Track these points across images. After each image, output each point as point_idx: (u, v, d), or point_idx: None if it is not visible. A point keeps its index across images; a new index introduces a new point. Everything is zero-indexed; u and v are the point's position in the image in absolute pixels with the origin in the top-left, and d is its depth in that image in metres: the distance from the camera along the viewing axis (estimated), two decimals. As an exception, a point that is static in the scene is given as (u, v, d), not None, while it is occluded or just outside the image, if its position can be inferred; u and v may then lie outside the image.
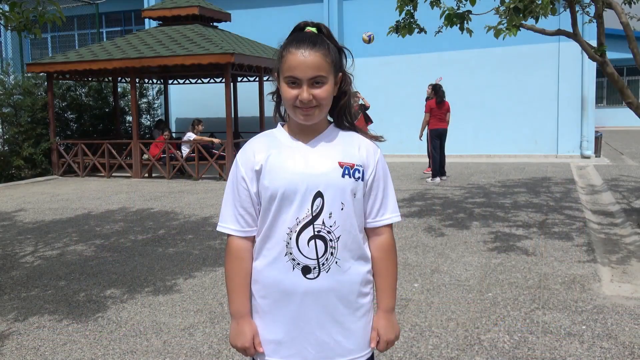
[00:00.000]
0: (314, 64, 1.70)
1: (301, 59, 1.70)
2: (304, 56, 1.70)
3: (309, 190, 1.73)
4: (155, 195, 10.21)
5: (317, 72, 1.71)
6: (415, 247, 6.14)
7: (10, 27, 5.58)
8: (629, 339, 3.76)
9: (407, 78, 15.66)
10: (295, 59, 1.70)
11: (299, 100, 1.72)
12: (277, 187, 1.73)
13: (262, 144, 1.82)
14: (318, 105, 1.73)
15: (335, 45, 1.79)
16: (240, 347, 1.80)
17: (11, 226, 7.74)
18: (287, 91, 1.73)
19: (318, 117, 1.77)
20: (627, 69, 27.19)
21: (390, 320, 1.85)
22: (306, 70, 1.70)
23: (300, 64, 1.70)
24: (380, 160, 1.83)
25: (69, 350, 3.77)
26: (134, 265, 5.71)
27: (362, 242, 1.82)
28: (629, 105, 6.55)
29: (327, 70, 1.73)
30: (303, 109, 1.73)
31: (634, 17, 7.27)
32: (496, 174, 11.97)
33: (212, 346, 3.78)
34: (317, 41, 1.73)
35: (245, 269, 1.82)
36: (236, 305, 1.82)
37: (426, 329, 3.96)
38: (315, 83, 1.71)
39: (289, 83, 1.73)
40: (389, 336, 1.85)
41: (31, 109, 13.22)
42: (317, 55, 1.71)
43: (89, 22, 20.91)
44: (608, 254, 5.80)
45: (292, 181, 1.73)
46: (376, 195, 1.83)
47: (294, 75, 1.71)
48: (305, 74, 1.70)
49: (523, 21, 5.96)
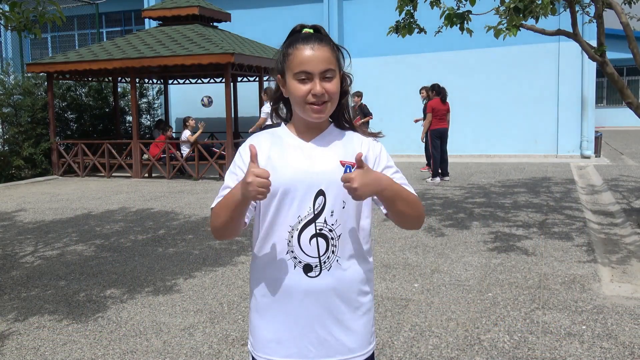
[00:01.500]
0: (324, 57, 1.71)
1: (311, 53, 1.70)
2: (314, 50, 1.70)
3: (310, 189, 1.73)
4: (155, 195, 10.21)
5: (328, 65, 1.71)
6: (415, 247, 6.14)
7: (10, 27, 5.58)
8: (629, 339, 3.76)
9: (407, 78, 15.66)
10: (304, 54, 1.70)
11: (311, 95, 1.71)
12: (278, 184, 1.72)
13: (265, 140, 1.82)
14: (329, 100, 1.73)
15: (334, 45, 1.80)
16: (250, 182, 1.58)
17: (11, 226, 7.75)
18: (298, 88, 1.72)
19: (328, 114, 1.77)
20: (627, 69, 27.20)
21: (374, 176, 1.65)
22: (317, 63, 1.70)
23: (311, 58, 1.70)
24: (382, 153, 1.83)
25: (69, 350, 3.77)
26: (134, 265, 5.71)
27: (364, 241, 1.82)
28: (629, 105, 6.55)
29: (335, 65, 1.74)
30: (315, 105, 1.72)
31: (634, 17, 7.27)
32: (496, 174, 11.97)
33: (212, 346, 3.78)
34: (322, 37, 1.74)
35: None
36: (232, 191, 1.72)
37: (426, 329, 3.96)
38: (325, 77, 1.72)
39: (299, 79, 1.72)
40: (361, 179, 1.60)
41: (31, 109, 13.22)
42: (326, 49, 1.72)
43: (89, 22, 20.91)
44: (608, 254, 5.80)
45: (293, 179, 1.73)
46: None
47: (306, 70, 1.70)
48: (317, 67, 1.70)
49: (523, 21, 5.96)
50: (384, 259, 5.72)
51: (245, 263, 5.65)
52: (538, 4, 5.71)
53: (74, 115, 14.75)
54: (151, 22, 16.01)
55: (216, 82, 15.65)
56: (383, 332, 3.91)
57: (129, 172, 12.94)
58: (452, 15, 6.67)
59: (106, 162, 12.96)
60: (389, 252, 5.96)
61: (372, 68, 15.67)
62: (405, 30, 7.22)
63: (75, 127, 14.78)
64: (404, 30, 7.23)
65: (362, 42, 15.76)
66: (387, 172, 1.80)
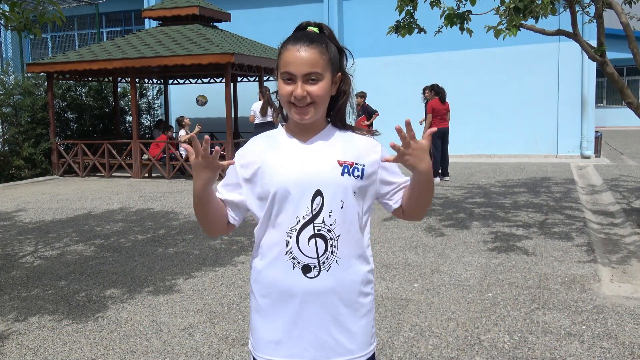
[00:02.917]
0: (309, 60, 1.70)
1: (296, 55, 1.70)
2: (299, 52, 1.70)
3: (308, 189, 1.73)
4: (155, 195, 10.21)
5: (312, 68, 1.70)
6: (415, 247, 6.14)
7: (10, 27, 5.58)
8: (629, 339, 3.76)
9: (407, 78, 15.66)
10: (290, 55, 1.71)
11: (293, 97, 1.72)
12: (275, 186, 1.74)
13: (262, 143, 1.85)
14: (312, 103, 1.73)
15: (336, 45, 1.79)
16: (193, 163, 1.72)
17: (11, 226, 7.75)
18: (282, 87, 1.74)
19: (314, 116, 1.76)
20: (627, 69, 27.19)
21: (427, 155, 1.72)
22: (300, 66, 1.70)
23: (295, 60, 1.70)
24: (382, 152, 1.84)
25: (69, 350, 3.77)
26: (134, 265, 5.71)
27: (363, 242, 1.82)
28: (629, 105, 6.55)
29: (323, 67, 1.72)
30: (297, 107, 1.73)
31: (634, 17, 7.27)
32: (496, 174, 11.97)
33: (212, 346, 3.78)
34: (314, 39, 1.73)
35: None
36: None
37: (426, 329, 3.96)
38: (310, 80, 1.71)
39: (284, 79, 1.73)
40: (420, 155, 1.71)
41: (31, 109, 13.22)
42: (313, 51, 1.71)
43: (89, 22, 20.90)
44: (608, 254, 5.80)
45: (290, 180, 1.73)
46: (394, 174, 1.85)
47: (289, 71, 1.71)
48: (299, 70, 1.70)
49: (523, 21, 5.97)
50: (384, 259, 5.72)
51: (245, 263, 5.65)
52: (538, 4, 5.72)
53: (74, 115, 14.74)
54: (151, 22, 16.01)
55: (216, 82, 15.64)
56: (383, 332, 3.92)
57: (129, 172, 12.94)
58: (452, 15, 6.67)
59: (106, 162, 12.96)
60: (389, 252, 5.96)
61: (372, 68, 15.66)
62: (405, 30, 7.22)
63: (75, 127, 14.78)
64: (403, 30, 7.24)
65: (362, 42, 15.76)
66: (389, 171, 1.84)
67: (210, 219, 1.84)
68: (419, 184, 1.78)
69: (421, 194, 1.80)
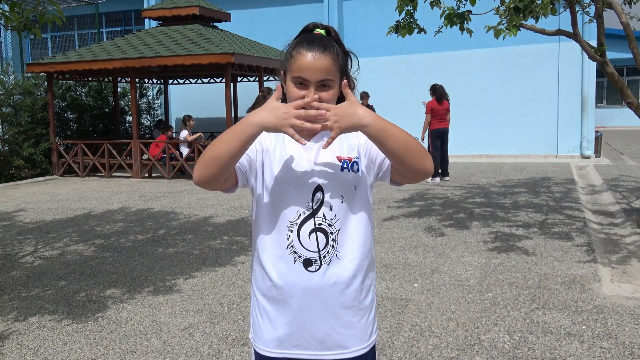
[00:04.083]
0: (323, 67, 1.71)
1: (311, 61, 1.71)
2: (314, 59, 1.71)
3: (308, 184, 1.76)
4: (155, 195, 10.21)
5: (326, 75, 1.72)
6: (415, 247, 6.14)
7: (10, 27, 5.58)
8: (629, 339, 3.76)
9: (406, 78, 15.66)
10: (305, 61, 1.72)
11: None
12: (277, 180, 1.76)
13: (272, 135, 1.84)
14: None
15: (343, 49, 1.81)
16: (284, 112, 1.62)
17: (11, 226, 7.75)
18: (294, 91, 1.74)
19: None
20: (627, 69, 27.20)
21: (356, 110, 1.65)
22: (315, 72, 1.71)
23: (310, 66, 1.71)
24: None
25: (69, 350, 3.77)
26: (134, 265, 5.71)
27: (364, 236, 1.83)
28: (629, 105, 6.54)
29: (335, 74, 1.74)
30: None
31: (634, 17, 7.27)
32: (496, 174, 11.97)
33: (212, 346, 3.78)
34: (327, 45, 1.75)
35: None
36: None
37: (426, 329, 3.96)
38: (322, 86, 1.73)
39: (296, 83, 1.74)
40: (339, 109, 1.65)
41: (31, 109, 13.22)
42: (327, 59, 1.72)
43: (89, 22, 20.91)
44: (608, 254, 5.80)
45: (291, 175, 1.76)
46: (371, 152, 1.81)
47: (303, 77, 1.72)
48: (314, 77, 1.72)
49: (523, 21, 5.96)
50: (384, 259, 5.72)
51: (245, 263, 5.66)
52: (538, 4, 5.71)
53: (74, 115, 14.75)
54: (151, 22, 16.01)
55: (216, 82, 15.65)
56: (383, 332, 3.92)
57: (129, 172, 12.94)
58: (452, 15, 6.67)
59: (106, 162, 12.96)
60: (389, 252, 5.96)
61: (372, 68, 15.65)
62: (405, 30, 7.22)
63: (75, 127, 14.78)
64: (403, 30, 7.23)
65: (362, 42, 15.75)
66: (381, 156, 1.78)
67: (229, 161, 1.68)
68: (374, 139, 1.68)
69: (389, 150, 1.68)
